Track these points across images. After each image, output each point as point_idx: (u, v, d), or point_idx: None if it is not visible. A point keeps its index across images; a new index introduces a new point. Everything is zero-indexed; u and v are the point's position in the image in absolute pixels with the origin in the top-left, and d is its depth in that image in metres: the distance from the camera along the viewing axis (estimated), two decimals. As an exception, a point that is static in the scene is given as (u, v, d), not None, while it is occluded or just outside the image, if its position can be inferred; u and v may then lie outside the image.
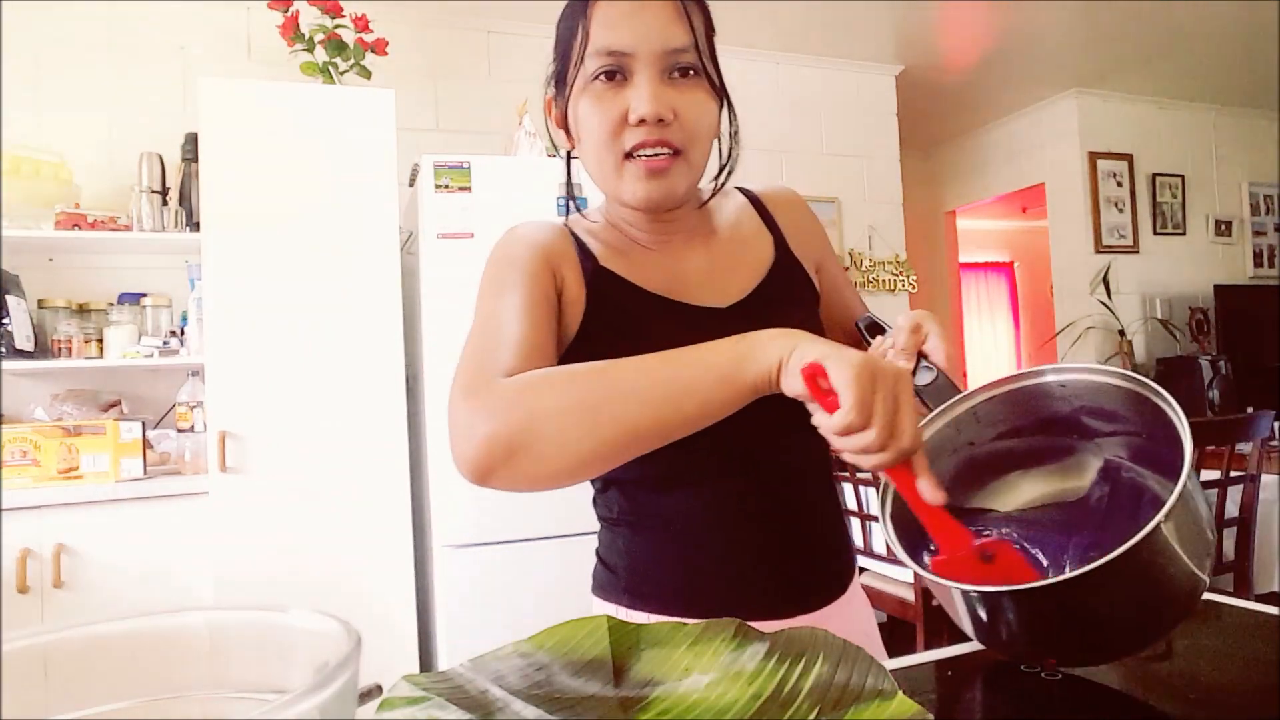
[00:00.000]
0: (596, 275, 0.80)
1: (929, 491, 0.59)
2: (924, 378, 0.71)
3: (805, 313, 0.86)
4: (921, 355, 0.73)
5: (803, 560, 0.82)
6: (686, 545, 0.79)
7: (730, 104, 0.82)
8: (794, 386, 0.59)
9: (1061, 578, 0.54)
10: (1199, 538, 0.57)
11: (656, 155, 0.74)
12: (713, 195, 0.88)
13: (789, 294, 0.86)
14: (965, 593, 0.59)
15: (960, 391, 0.72)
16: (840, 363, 0.57)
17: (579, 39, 0.74)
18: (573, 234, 0.83)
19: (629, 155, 0.75)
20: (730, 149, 0.84)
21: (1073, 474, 0.71)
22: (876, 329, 0.82)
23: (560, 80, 0.79)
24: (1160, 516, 0.53)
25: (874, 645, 0.87)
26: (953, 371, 0.72)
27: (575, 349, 0.79)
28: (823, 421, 0.58)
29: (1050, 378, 0.69)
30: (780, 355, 0.60)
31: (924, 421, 0.70)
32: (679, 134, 0.75)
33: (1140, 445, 0.67)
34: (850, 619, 0.85)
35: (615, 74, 0.74)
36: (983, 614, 0.61)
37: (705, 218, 0.88)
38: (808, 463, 0.84)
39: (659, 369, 0.62)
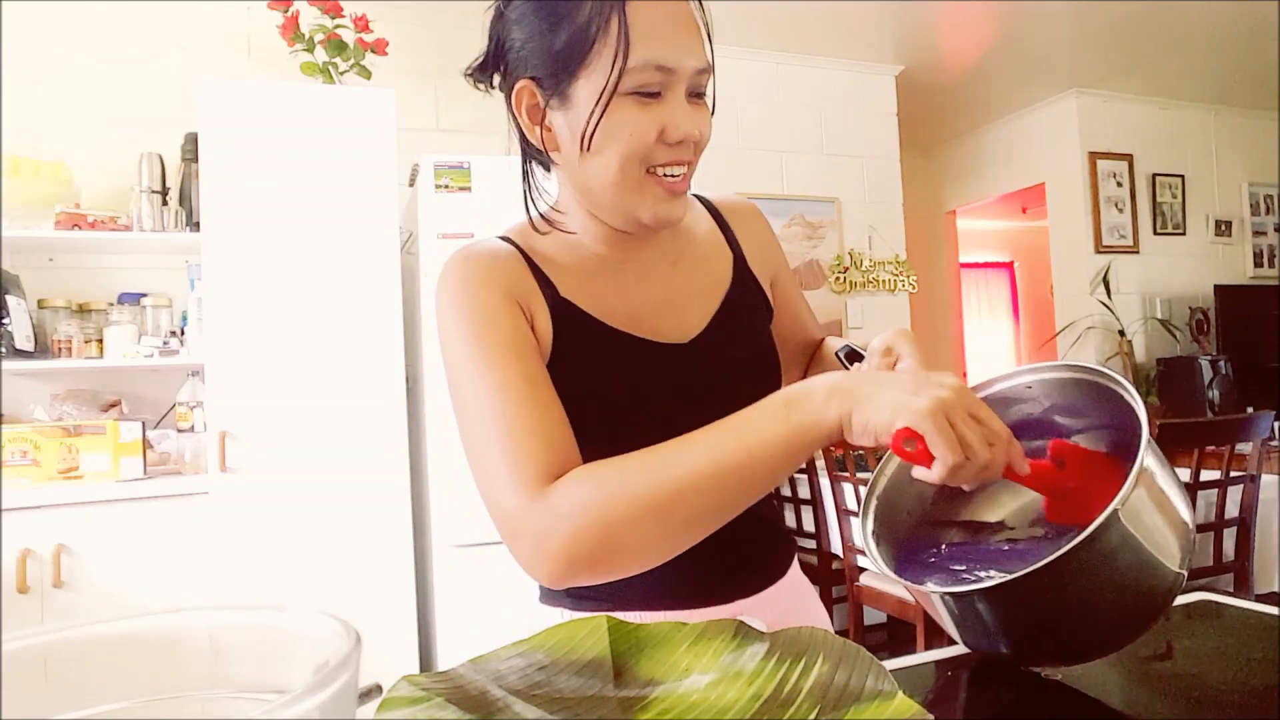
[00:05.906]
0: (559, 308, 0.77)
1: (1021, 465, 0.61)
2: None
3: (762, 342, 0.87)
4: None
5: (739, 548, 0.83)
6: None
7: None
8: (864, 442, 0.60)
9: (1022, 571, 0.54)
10: (1164, 528, 0.57)
11: (678, 175, 0.73)
12: None
13: (746, 320, 0.86)
14: (943, 596, 0.60)
15: None
16: (915, 416, 0.57)
17: (617, 42, 0.68)
18: (526, 258, 0.79)
19: (649, 171, 0.72)
20: None
21: None
22: (855, 356, 0.81)
23: (560, 78, 0.72)
24: (1116, 503, 0.53)
25: (821, 623, 0.89)
26: None
27: None
28: (923, 475, 0.59)
29: (1019, 380, 0.70)
30: (840, 415, 0.60)
31: None
32: (695, 154, 0.75)
33: (1113, 439, 0.67)
34: (795, 599, 0.87)
35: (658, 91, 0.70)
36: (962, 616, 0.61)
37: (670, 231, 0.84)
38: None
39: (720, 454, 0.62)
